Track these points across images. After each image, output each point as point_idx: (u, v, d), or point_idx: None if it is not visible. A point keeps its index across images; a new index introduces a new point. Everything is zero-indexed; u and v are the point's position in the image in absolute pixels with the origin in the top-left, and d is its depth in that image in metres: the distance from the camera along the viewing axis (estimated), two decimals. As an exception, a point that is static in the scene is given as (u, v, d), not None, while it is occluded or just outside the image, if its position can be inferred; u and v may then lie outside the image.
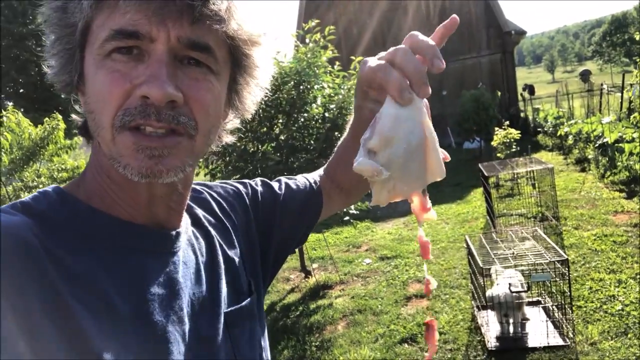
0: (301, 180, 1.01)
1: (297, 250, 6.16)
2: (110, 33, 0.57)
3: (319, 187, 1.00)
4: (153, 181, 0.60)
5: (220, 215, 0.85)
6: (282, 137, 5.37)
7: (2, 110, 4.60)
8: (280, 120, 5.51)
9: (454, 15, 0.65)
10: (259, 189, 0.95)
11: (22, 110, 5.71)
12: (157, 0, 0.57)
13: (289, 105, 5.40)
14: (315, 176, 1.03)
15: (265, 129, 5.49)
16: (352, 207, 5.60)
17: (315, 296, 5.53)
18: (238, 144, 5.36)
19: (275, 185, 0.97)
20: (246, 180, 0.96)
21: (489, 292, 3.81)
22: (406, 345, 4.13)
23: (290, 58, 5.70)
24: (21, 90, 20.96)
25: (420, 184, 0.63)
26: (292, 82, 5.33)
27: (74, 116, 0.71)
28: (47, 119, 5.85)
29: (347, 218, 5.59)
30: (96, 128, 0.60)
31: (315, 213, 0.99)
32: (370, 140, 0.58)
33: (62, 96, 0.71)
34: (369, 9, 18.83)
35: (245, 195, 0.91)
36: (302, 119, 5.44)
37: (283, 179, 1.00)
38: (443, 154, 0.63)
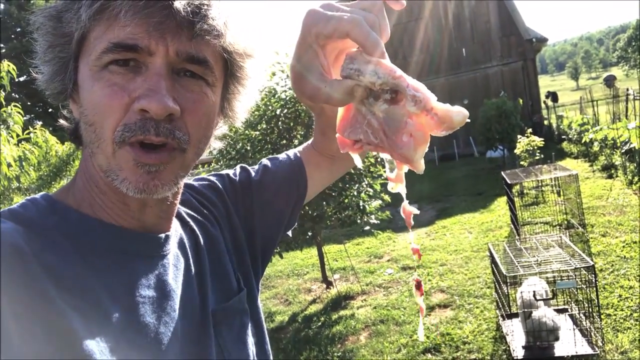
0: (282, 156, 0.99)
1: (318, 261, 6.15)
2: (109, 46, 0.58)
3: (299, 159, 0.97)
4: (147, 197, 0.61)
5: (204, 212, 0.85)
6: (302, 149, 5.40)
7: (29, 128, 4.75)
8: (300, 132, 5.55)
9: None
10: (236, 177, 0.93)
11: (50, 129, 5.87)
12: (158, 15, 0.57)
13: (307, 117, 5.45)
14: (299, 148, 1.01)
15: (284, 140, 5.53)
16: (373, 217, 5.59)
17: (337, 307, 5.50)
18: (258, 156, 5.41)
19: (253, 169, 0.96)
20: (224, 171, 0.95)
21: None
22: (430, 355, 4.07)
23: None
24: (50, 110, 21.62)
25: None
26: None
27: (61, 121, 0.71)
28: (73, 136, 6.00)
29: (367, 228, 5.56)
30: (96, 140, 0.60)
31: (300, 186, 0.96)
32: (433, 96, 0.55)
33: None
34: (386, 19, 18.93)
35: (222, 187, 0.90)
36: (321, 130, 5.46)
37: (264, 160, 0.98)
38: None
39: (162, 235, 0.71)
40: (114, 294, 0.61)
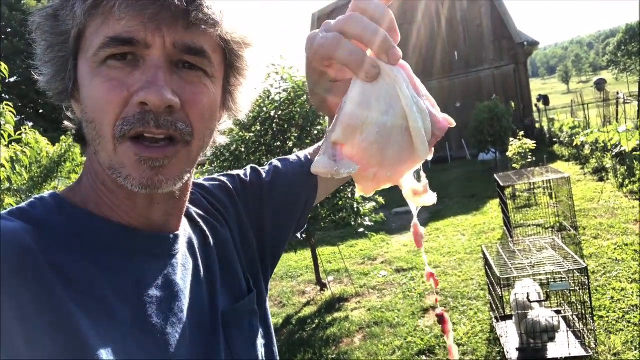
0: (293, 158, 0.98)
1: (312, 263, 6.14)
2: (105, 40, 0.57)
3: (310, 161, 0.96)
4: (152, 192, 0.60)
5: (214, 213, 0.84)
6: (295, 151, 5.39)
7: (20, 129, 4.70)
8: (294, 134, 5.55)
9: None
10: (247, 178, 0.92)
11: (41, 129, 5.82)
12: (152, 7, 0.57)
13: (302, 119, 5.45)
14: (309, 150, 1.01)
15: (279, 142, 5.53)
16: (367, 219, 5.60)
17: (331, 309, 5.49)
18: (252, 158, 5.40)
19: (264, 170, 0.95)
20: (235, 172, 0.94)
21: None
22: (424, 357, 4.07)
23: (303, 72, 5.77)
24: (41, 111, 21.44)
25: (406, 167, 0.53)
26: (305, 96, 5.38)
27: (66, 123, 0.71)
28: (63, 137, 5.96)
29: (361, 230, 5.56)
30: (97, 137, 0.60)
31: (310, 188, 0.95)
32: (333, 132, 0.50)
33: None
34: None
35: (233, 188, 0.90)
36: (316, 132, 5.47)
37: (274, 161, 0.97)
38: (446, 121, 0.53)
39: (171, 235, 0.71)
40: (122, 294, 0.61)
